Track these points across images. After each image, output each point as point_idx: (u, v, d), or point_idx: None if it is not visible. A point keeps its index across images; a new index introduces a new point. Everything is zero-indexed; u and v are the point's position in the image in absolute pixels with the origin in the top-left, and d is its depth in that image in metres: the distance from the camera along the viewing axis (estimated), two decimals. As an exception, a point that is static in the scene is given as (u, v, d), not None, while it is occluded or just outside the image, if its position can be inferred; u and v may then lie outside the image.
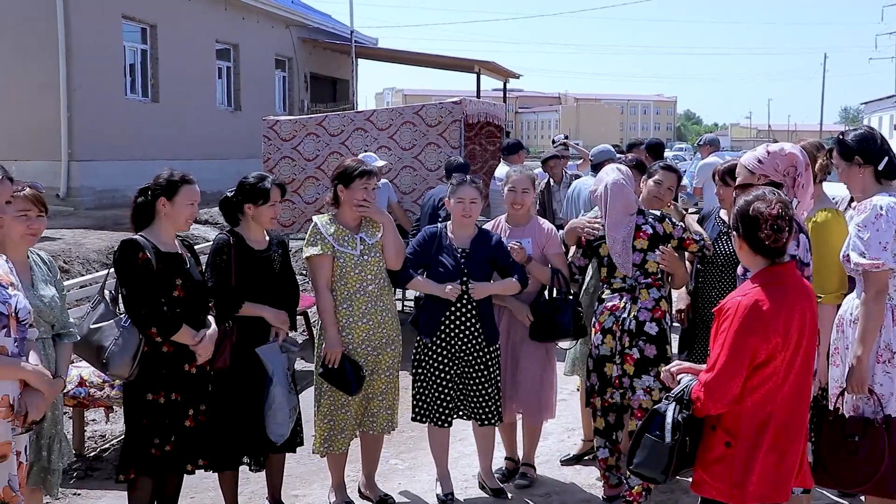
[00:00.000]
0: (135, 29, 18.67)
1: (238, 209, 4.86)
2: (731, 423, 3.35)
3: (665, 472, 3.40)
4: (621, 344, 4.99)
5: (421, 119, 9.44)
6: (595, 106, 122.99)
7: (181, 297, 4.39)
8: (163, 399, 4.36)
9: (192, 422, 4.47)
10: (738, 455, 3.32)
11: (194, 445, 4.49)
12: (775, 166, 4.24)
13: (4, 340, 3.24)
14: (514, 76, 28.57)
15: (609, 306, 5.08)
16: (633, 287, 5.06)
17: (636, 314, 4.99)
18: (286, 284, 4.96)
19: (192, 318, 4.43)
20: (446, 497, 5.27)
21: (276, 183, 4.89)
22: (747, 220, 3.37)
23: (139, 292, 4.27)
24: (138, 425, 4.37)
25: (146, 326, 4.29)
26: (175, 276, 4.38)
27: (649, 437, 3.43)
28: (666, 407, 3.42)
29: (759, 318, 3.25)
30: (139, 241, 4.30)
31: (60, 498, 5.29)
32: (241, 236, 4.83)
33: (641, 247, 5.07)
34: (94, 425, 6.59)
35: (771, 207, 3.34)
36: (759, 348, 3.26)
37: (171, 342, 4.35)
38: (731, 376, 3.27)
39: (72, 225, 13.38)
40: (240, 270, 4.75)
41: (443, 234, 5.26)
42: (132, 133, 17.56)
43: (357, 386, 4.93)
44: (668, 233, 5.12)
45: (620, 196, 5.06)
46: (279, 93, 25.00)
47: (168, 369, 4.37)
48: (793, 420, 3.36)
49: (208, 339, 4.46)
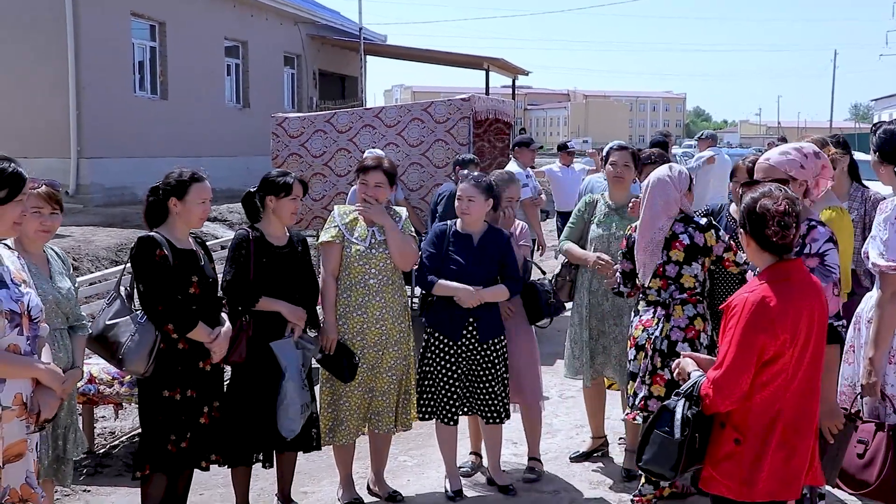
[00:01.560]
0: (144, 26, 18.70)
1: (260, 202, 4.89)
2: (740, 420, 3.33)
3: (674, 469, 3.38)
4: (653, 364, 4.78)
5: (429, 116, 9.44)
6: (604, 103, 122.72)
7: (197, 294, 4.41)
8: (178, 396, 4.38)
9: (206, 419, 4.50)
10: (748, 452, 3.31)
11: (209, 442, 4.52)
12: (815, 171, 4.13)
13: (17, 339, 3.25)
14: (523, 73, 28.50)
15: (643, 320, 4.88)
16: (668, 303, 4.81)
17: (668, 333, 4.77)
18: (305, 281, 4.98)
19: (207, 315, 4.45)
20: (455, 494, 5.27)
21: (298, 179, 4.95)
22: (754, 216, 3.35)
23: (156, 288, 4.30)
24: (154, 422, 4.39)
25: (163, 323, 4.31)
26: (191, 273, 4.41)
27: (658, 433, 3.41)
28: (675, 403, 3.40)
29: (767, 315, 3.23)
30: (156, 238, 4.34)
31: (70, 494, 5.32)
32: (260, 232, 4.86)
33: (677, 258, 4.78)
34: (104, 422, 6.61)
35: (778, 204, 3.32)
36: (767, 345, 3.24)
37: (186, 339, 4.37)
38: (739, 373, 3.25)
39: (81, 222, 13.42)
40: (258, 265, 4.77)
41: (450, 231, 5.27)
42: (141, 130, 17.59)
43: (349, 373, 4.95)
44: (710, 246, 4.79)
45: (661, 193, 4.80)
46: (288, 90, 25.00)
47: (183, 366, 4.39)
48: (802, 416, 3.35)
49: (223, 336, 4.49)
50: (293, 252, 4.94)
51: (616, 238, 5.40)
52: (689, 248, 4.78)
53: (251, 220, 4.98)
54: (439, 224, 5.43)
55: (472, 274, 5.13)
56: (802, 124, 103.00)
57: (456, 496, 5.26)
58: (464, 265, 5.14)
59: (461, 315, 5.14)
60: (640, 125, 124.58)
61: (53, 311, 4.01)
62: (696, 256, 4.78)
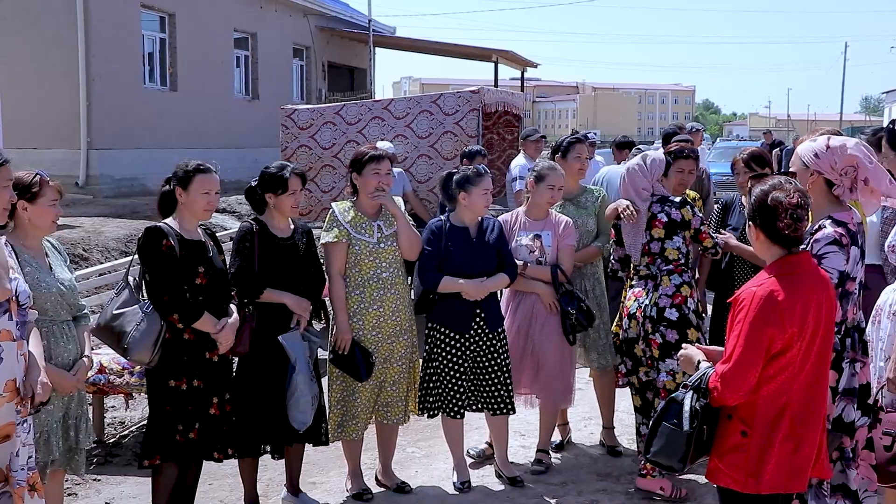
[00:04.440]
0: (153, 17, 18.72)
1: (261, 198, 4.90)
2: (746, 413, 3.33)
3: (683, 461, 3.38)
4: (644, 329, 5.11)
5: (438, 108, 9.42)
6: (613, 95, 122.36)
7: (203, 284, 4.42)
8: (185, 386, 4.38)
9: (216, 410, 4.49)
10: (754, 444, 3.31)
11: (219, 433, 4.52)
12: (832, 163, 3.84)
13: (8, 324, 3.30)
14: (532, 65, 28.47)
15: (635, 292, 5.21)
16: (656, 275, 5.15)
17: (657, 301, 5.08)
18: (310, 273, 4.99)
19: (214, 305, 4.46)
20: (463, 485, 5.29)
21: (295, 172, 4.92)
22: (765, 209, 3.33)
23: (162, 279, 4.31)
24: (161, 412, 4.40)
25: (168, 313, 4.32)
26: (198, 264, 4.41)
27: (667, 425, 3.41)
28: (683, 395, 3.40)
29: (775, 309, 3.22)
30: (163, 228, 4.35)
31: (81, 483, 5.35)
32: (265, 224, 4.87)
33: (658, 235, 5.14)
34: (114, 412, 6.64)
35: (790, 196, 3.30)
36: (775, 338, 3.23)
37: (192, 329, 4.38)
38: (747, 367, 3.25)
39: (91, 213, 13.45)
40: (263, 257, 4.78)
41: (446, 226, 5.27)
42: (150, 122, 17.62)
43: (367, 372, 4.96)
44: (687, 220, 5.17)
45: (632, 182, 5.22)
46: (297, 82, 25.01)
47: (189, 356, 4.39)
48: (809, 409, 3.34)
49: (229, 327, 4.48)
50: (298, 244, 4.94)
51: (576, 227, 5.63)
52: (668, 225, 5.15)
53: (257, 213, 4.98)
54: (434, 221, 5.42)
55: (474, 266, 5.16)
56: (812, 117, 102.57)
57: (464, 487, 5.28)
58: (466, 258, 5.16)
59: (469, 308, 5.16)
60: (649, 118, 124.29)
61: (59, 303, 4.04)
62: (676, 231, 5.15)
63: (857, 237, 3.79)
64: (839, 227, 3.74)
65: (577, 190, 5.87)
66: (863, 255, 3.83)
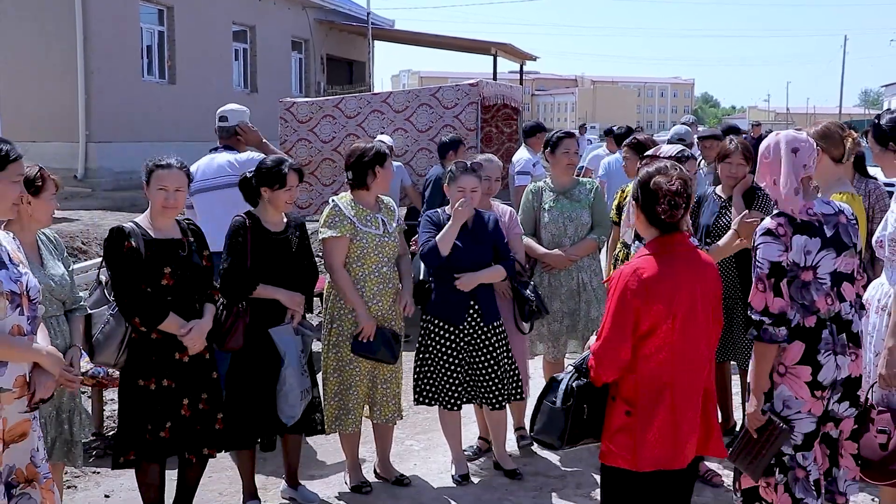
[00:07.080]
0: (152, 10, 18.71)
1: (256, 191, 4.88)
2: (629, 393, 3.43)
3: (561, 438, 3.50)
4: None
5: (437, 101, 9.41)
6: (612, 88, 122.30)
7: (170, 285, 4.30)
8: (154, 385, 4.29)
9: (187, 410, 4.37)
10: (638, 423, 3.40)
11: (193, 433, 4.41)
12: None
13: (19, 318, 3.26)
14: (531, 58, 28.40)
15: None
16: None
17: None
18: (303, 266, 4.98)
19: (185, 306, 4.35)
20: (461, 478, 5.30)
21: (293, 167, 4.88)
22: (647, 192, 3.42)
23: (122, 281, 4.23)
24: (131, 410, 4.33)
25: (130, 315, 4.24)
26: (165, 264, 4.30)
27: (546, 403, 3.56)
28: (564, 375, 3.54)
29: (640, 284, 3.33)
30: (125, 229, 4.26)
31: (80, 475, 5.36)
32: (257, 218, 4.84)
33: None
34: (113, 405, 6.63)
35: (671, 183, 3.38)
36: (641, 314, 3.33)
37: (158, 330, 4.29)
38: (616, 343, 3.35)
39: (89, 206, 13.47)
40: (256, 252, 4.76)
41: (444, 218, 5.27)
42: (149, 115, 17.61)
43: (393, 355, 5.01)
44: None
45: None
46: (295, 75, 24.98)
47: (158, 356, 4.31)
48: (689, 389, 3.43)
49: (196, 330, 4.34)
50: (291, 238, 4.91)
51: (571, 220, 5.78)
52: None
53: (250, 205, 4.95)
54: (430, 212, 5.43)
55: (471, 258, 5.16)
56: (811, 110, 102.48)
57: (463, 480, 5.30)
58: (462, 251, 5.15)
59: (463, 299, 5.17)
60: (648, 111, 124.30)
61: (47, 298, 3.99)
62: None
63: (814, 226, 3.63)
64: (780, 217, 3.63)
65: (569, 183, 5.92)
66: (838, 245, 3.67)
